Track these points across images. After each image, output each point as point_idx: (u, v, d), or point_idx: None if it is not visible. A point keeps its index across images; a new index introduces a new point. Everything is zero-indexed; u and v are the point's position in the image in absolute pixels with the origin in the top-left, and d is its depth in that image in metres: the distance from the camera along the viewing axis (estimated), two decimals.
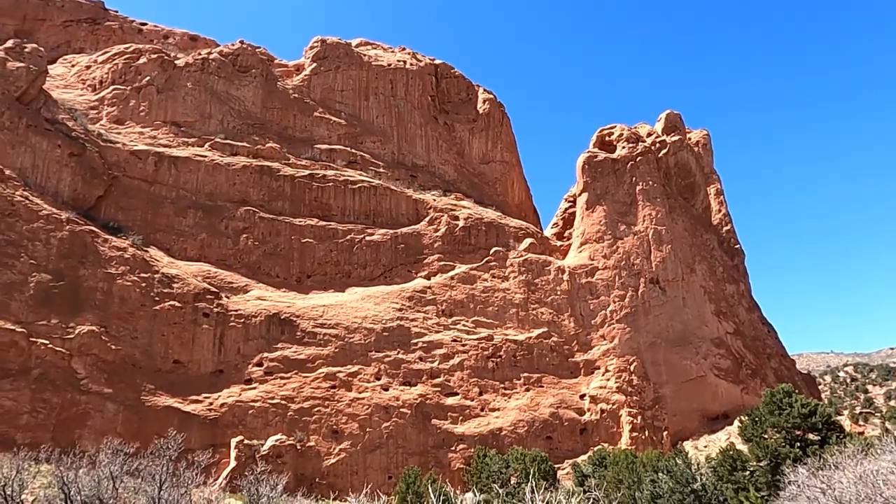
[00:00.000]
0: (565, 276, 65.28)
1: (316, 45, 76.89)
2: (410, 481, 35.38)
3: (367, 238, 62.84)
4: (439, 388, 54.88)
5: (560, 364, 60.33)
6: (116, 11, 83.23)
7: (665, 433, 57.86)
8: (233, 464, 45.06)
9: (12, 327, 43.49)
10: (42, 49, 61.15)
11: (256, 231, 59.27)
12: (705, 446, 56.65)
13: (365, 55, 78.51)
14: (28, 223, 48.30)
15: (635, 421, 57.02)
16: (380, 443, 50.37)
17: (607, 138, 78.11)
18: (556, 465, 48.02)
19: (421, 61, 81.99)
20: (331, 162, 68.05)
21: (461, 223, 67.02)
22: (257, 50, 73.81)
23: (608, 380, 59.27)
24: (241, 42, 73.49)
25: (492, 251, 65.65)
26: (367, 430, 50.38)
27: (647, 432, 56.64)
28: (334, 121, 72.30)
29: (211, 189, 60.06)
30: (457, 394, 55.21)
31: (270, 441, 46.78)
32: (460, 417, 53.72)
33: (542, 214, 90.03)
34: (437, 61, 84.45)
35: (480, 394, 55.86)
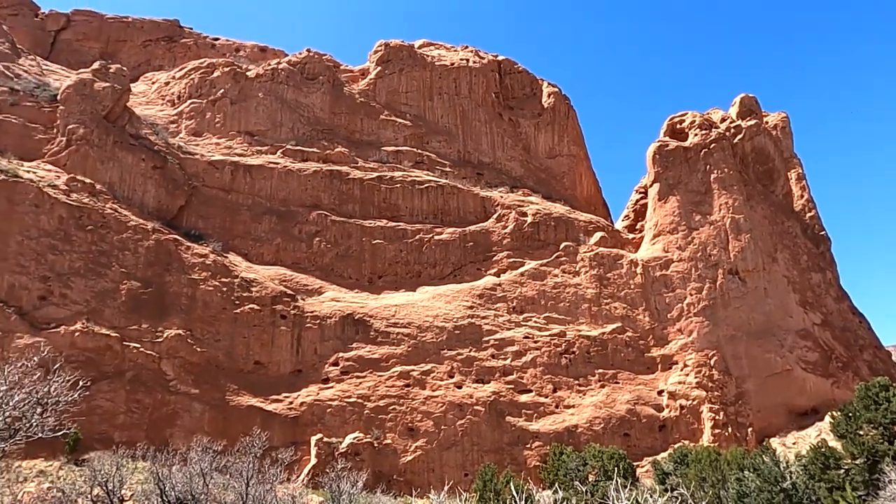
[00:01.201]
0: (639, 270, 63.75)
1: (380, 48, 77.99)
2: (487, 479, 35.43)
3: (436, 237, 63.29)
4: (512, 386, 54.70)
5: (636, 359, 58.97)
6: (191, 28, 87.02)
7: (749, 430, 55.64)
8: (313, 461, 46.36)
9: (107, 332, 46.24)
10: (125, 69, 64.66)
11: (328, 234, 60.71)
12: (794, 443, 54.11)
13: (428, 56, 79.04)
14: (118, 234, 51.21)
15: (717, 417, 55.08)
16: (455, 440, 50.67)
17: (678, 126, 75.73)
18: (635, 463, 47.00)
19: (483, 58, 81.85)
20: (398, 163, 68.92)
21: (529, 219, 66.51)
22: (323, 57, 75.55)
23: (687, 375, 57.51)
24: (308, 50, 75.39)
25: (561, 246, 64.86)
26: (442, 427, 50.77)
27: (730, 429, 54.63)
28: (400, 122, 73.15)
29: (284, 195, 61.96)
30: (530, 391, 54.88)
31: (348, 439, 47.85)
32: (535, 415, 53.37)
33: (613, 207, 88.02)
34: (499, 58, 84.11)
35: (554, 391, 55.32)
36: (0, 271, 45.94)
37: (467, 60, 79.94)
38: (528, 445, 51.55)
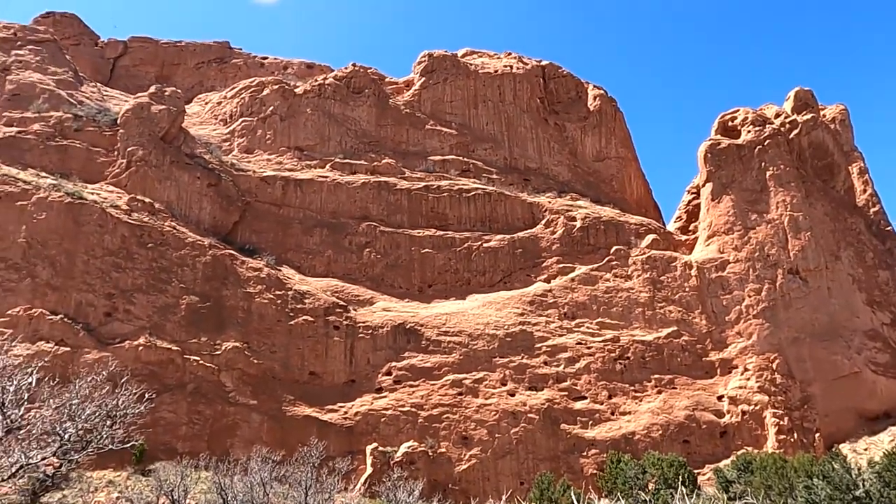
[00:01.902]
0: (693, 272, 62.24)
1: (423, 59, 78.67)
2: (544, 487, 35.03)
3: (485, 245, 63.24)
4: (566, 393, 54.04)
5: (693, 364, 57.49)
6: (240, 49, 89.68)
7: (816, 435, 53.48)
8: (369, 470, 46.74)
9: (169, 346, 47.79)
10: (179, 91, 67.06)
11: (378, 244, 61.40)
12: (865, 449, 51.72)
13: (471, 64, 79.30)
14: (177, 250, 52.96)
15: (781, 423, 53.16)
16: (509, 448, 50.32)
17: (730, 123, 73.82)
18: (696, 471, 45.71)
19: (527, 64, 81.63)
20: (444, 172, 69.24)
21: (578, 223, 65.80)
22: (368, 71, 76.66)
23: (748, 379, 55.71)
24: (354, 65, 76.64)
25: (612, 250, 63.89)
26: (496, 435, 50.51)
27: (795, 434, 52.61)
28: (445, 132, 73.53)
29: (334, 207, 63.00)
30: (585, 398, 54.10)
31: (403, 448, 48.08)
32: (590, 422, 52.57)
33: (664, 209, 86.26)
34: (543, 62, 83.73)
35: (609, 397, 54.39)
36: (68, 290, 48.08)
37: (511, 67, 79.86)
38: (585, 453, 50.78)
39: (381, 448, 47.95)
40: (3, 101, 60.32)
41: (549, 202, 68.20)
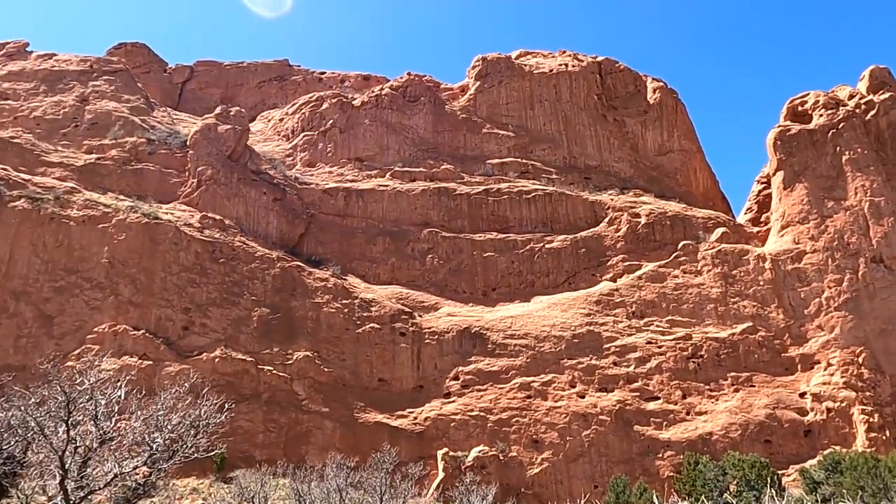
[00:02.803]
0: (767, 265, 59.80)
1: (477, 63, 78.79)
2: (619, 490, 34.32)
3: (547, 246, 62.65)
4: (638, 393, 52.80)
5: (771, 360, 55.15)
6: (299, 66, 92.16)
7: None
8: (441, 475, 46.89)
9: (243, 357, 49.40)
10: (243, 110, 69.50)
11: (440, 250, 61.76)
12: None
13: (526, 65, 78.89)
14: (247, 264, 54.76)
15: (871, 420, 50.30)
16: (581, 451, 49.54)
17: (800, 108, 70.68)
18: (780, 472, 43.80)
19: (582, 61, 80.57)
20: (503, 175, 69.05)
21: (643, 220, 64.34)
22: (423, 78, 77.37)
23: (832, 375, 53.00)
24: (409, 74, 77.52)
25: (680, 246, 62.13)
26: (567, 438, 49.82)
27: (887, 432, 49.66)
28: (503, 134, 73.35)
29: (395, 215, 63.81)
30: (658, 398, 52.70)
31: (474, 452, 48.03)
32: (664, 423, 51.15)
33: (734, 201, 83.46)
34: (599, 58, 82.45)
35: (684, 397, 52.81)
36: (148, 306, 50.41)
37: (566, 65, 79.00)
38: (660, 455, 49.43)
39: (451, 453, 48.04)
40: (82, 130, 63.93)
41: (612, 200, 66.99)
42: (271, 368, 49.68)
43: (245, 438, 45.97)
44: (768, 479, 34.88)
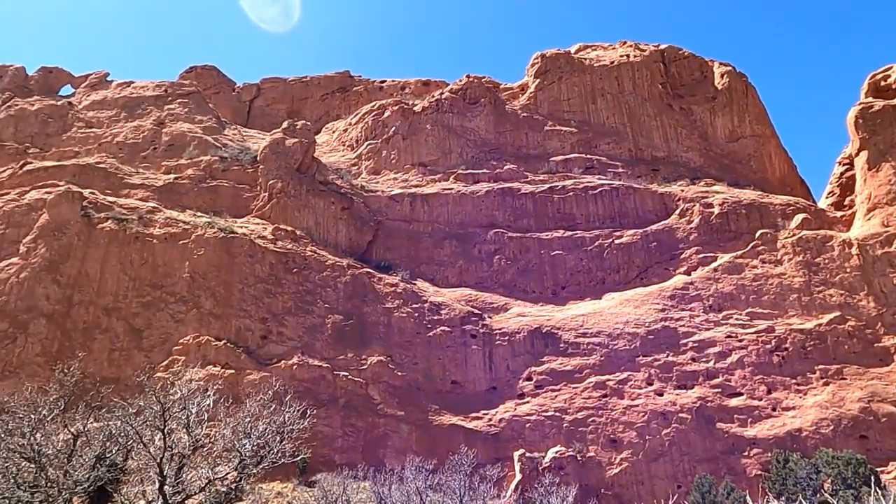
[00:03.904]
0: (854, 251, 56.66)
1: (536, 61, 78.19)
2: (705, 490, 33.24)
3: (616, 241, 61.44)
4: (719, 389, 50.97)
5: (863, 351, 52.17)
6: (360, 76, 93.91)
7: None
8: (518, 476, 46.64)
9: (319, 363, 50.65)
10: (308, 123, 71.36)
11: (507, 251, 61.54)
12: None
13: (585, 59, 77.70)
14: (319, 273, 56.17)
15: None
16: (662, 451, 48.23)
17: (883, 83, 66.71)
18: (878, 469, 41.38)
19: (644, 51, 78.68)
20: (567, 172, 68.20)
21: (716, 210, 62.17)
22: (482, 80, 77.38)
23: None
24: (468, 76, 77.69)
25: (757, 235, 59.68)
26: (647, 437, 48.62)
27: None
28: (565, 130, 72.49)
29: (461, 218, 64.03)
30: (741, 394, 50.72)
31: (551, 453, 47.56)
32: (749, 419, 49.16)
33: (814, 185, 79.58)
34: (661, 47, 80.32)
35: (769, 392, 50.62)
36: (228, 317, 52.42)
37: (627, 56, 77.36)
38: (746, 453, 47.54)
39: (528, 454, 47.73)
40: (160, 151, 67.22)
41: (682, 191, 65.06)
42: (347, 374, 50.71)
43: (324, 443, 47.07)
44: (866, 477, 33.00)
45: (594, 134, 72.58)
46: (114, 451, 18.81)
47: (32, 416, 18.93)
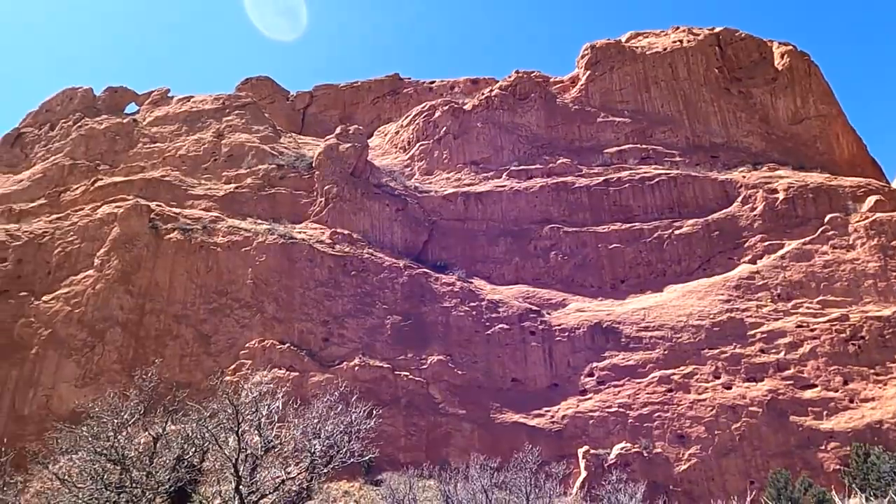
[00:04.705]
0: None
1: (586, 52, 77.11)
2: (780, 486, 32.08)
3: (676, 232, 59.97)
4: (791, 381, 49.13)
5: None
6: (409, 78, 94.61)
7: None
8: (583, 474, 46.13)
9: (380, 364, 51.32)
10: (361, 127, 72.44)
11: (563, 246, 60.90)
12: None
13: (637, 47, 76.14)
14: (376, 275, 56.89)
15: None
16: (732, 446, 46.82)
17: None
18: None
19: (698, 35, 76.53)
20: (622, 163, 67.00)
21: (781, 195, 59.92)
22: (532, 74, 76.80)
23: None
24: (517, 72, 77.25)
25: (826, 219, 57.23)
26: (716, 432, 47.29)
27: None
28: (618, 121, 71.22)
29: (515, 215, 63.72)
30: (815, 385, 48.75)
31: (616, 449, 46.85)
32: (824, 412, 47.21)
33: (886, 165, 75.76)
34: (716, 29, 77.95)
35: (845, 383, 48.48)
36: (291, 321, 53.71)
37: (680, 41, 75.42)
38: (822, 447, 45.66)
39: (593, 451, 47.14)
40: (220, 162, 69.38)
41: (744, 177, 62.99)
42: (407, 373, 51.20)
43: (389, 442, 47.56)
44: None
45: (649, 123, 71.03)
46: (191, 453, 19.64)
47: (115, 421, 20.02)
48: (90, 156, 73.55)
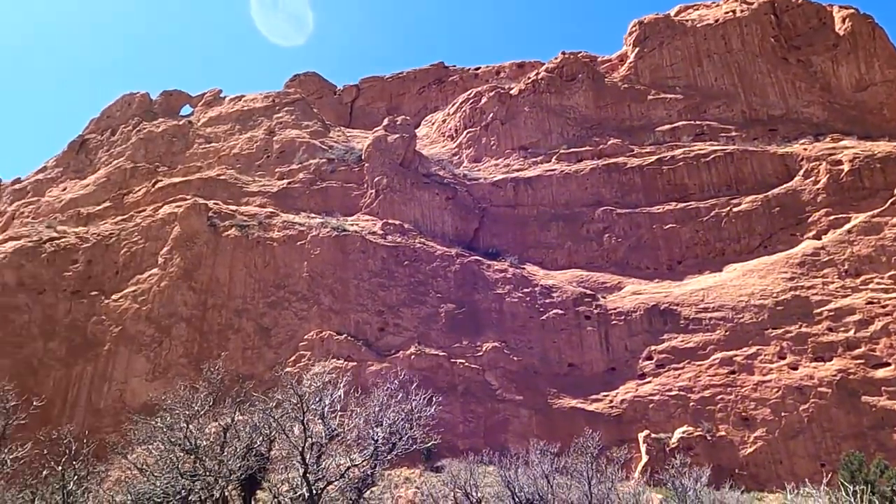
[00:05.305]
0: None
1: (634, 29, 75.25)
2: (854, 469, 30.93)
3: (735, 209, 58.17)
4: (862, 360, 47.19)
5: None
6: (454, 66, 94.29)
7: None
8: (644, 458, 45.55)
9: (436, 352, 51.71)
10: (408, 118, 72.73)
11: (616, 228, 59.89)
12: None
13: (687, 21, 73.84)
14: (429, 264, 57.21)
15: None
16: (800, 428, 45.36)
17: None
18: None
19: (752, 3, 73.65)
20: (676, 141, 65.28)
21: (846, 167, 57.33)
22: (578, 55, 75.48)
23: None
24: (563, 53, 76.04)
25: None
26: (782, 414, 45.90)
27: None
28: (670, 98, 69.35)
29: (566, 198, 62.96)
30: (888, 364, 46.69)
31: (678, 433, 46.05)
32: None
33: None
34: None
35: None
36: (346, 312, 54.61)
37: (733, 12, 72.76)
38: None
39: (653, 435, 46.46)
40: (273, 159, 70.86)
41: (805, 149, 60.51)
42: (463, 361, 51.44)
43: (448, 429, 47.85)
44: None
45: (702, 98, 68.92)
46: (259, 442, 20.32)
47: (186, 412, 20.93)
48: (150, 158, 76.21)
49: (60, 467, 21.26)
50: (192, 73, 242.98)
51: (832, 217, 55.40)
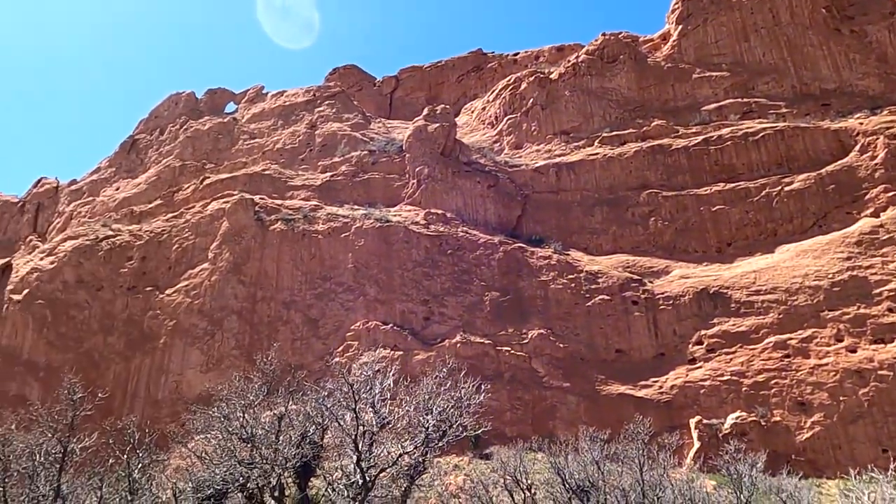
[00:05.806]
0: None
1: (676, 6, 73.30)
2: None
3: (787, 188, 56.36)
4: None
5: None
6: (493, 52, 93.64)
7: None
8: (696, 444, 44.85)
9: (481, 340, 51.82)
10: (447, 107, 72.60)
11: (663, 211, 58.77)
12: None
13: None
14: (472, 252, 57.23)
15: None
16: (860, 412, 43.91)
17: None
18: None
19: None
20: (723, 119, 63.51)
21: None
22: (619, 36, 74.00)
23: None
24: (603, 34, 74.66)
25: None
26: (841, 399, 44.50)
27: None
28: (716, 76, 67.43)
29: (609, 183, 62.02)
30: None
31: (730, 419, 45.14)
32: None
33: None
34: None
35: None
36: (392, 302, 55.13)
37: None
38: None
39: (705, 421, 45.65)
40: (315, 153, 71.77)
41: (861, 124, 58.12)
42: (509, 349, 51.43)
43: (495, 416, 47.97)
44: None
45: (750, 75, 66.80)
46: (312, 431, 20.83)
47: (242, 402, 21.64)
48: (197, 156, 78.11)
49: (125, 456, 22.27)
50: (234, 70, 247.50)
51: (891, 193, 53.17)
